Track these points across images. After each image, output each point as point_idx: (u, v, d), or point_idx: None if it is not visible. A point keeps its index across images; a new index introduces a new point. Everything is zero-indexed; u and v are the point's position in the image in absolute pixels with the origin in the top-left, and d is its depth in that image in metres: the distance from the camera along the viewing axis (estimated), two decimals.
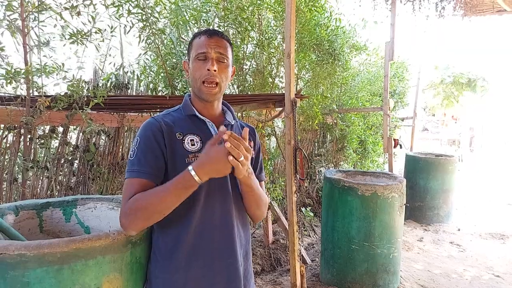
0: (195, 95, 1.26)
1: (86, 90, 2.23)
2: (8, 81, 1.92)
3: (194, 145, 1.18)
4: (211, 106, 1.26)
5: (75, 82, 2.13)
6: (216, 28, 2.72)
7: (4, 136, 2.12)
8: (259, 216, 1.34)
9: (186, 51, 1.29)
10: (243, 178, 1.11)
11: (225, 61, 1.20)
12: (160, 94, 2.84)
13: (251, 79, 3.39)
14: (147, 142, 1.14)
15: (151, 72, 2.85)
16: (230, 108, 1.36)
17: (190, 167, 1.03)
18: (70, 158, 2.46)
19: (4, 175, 2.15)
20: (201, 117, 1.24)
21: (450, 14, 4.98)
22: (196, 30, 2.98)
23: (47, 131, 2.28)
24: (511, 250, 4.22)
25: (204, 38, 1.19)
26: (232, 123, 1.30)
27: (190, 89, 1.38)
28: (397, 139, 6.07)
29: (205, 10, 2.80)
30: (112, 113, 2.50)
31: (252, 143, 1.34)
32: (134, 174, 1.11)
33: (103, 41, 2.35)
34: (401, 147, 6.40)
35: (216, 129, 1.24)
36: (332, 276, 3.01)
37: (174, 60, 2.71)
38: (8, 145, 2.15)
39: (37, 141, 2.21)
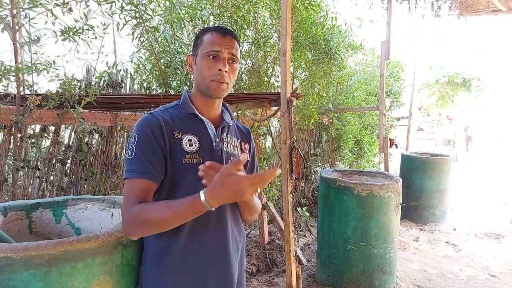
0: (198, 92, 1.21)
1: (78, 88, 2.19)
2: None
3: (192, 145, 1.14)
4: (213, 104, 1.22)
5: (67, 80, 2.08)
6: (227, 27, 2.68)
7: None
8: (250, 221, 1.35)
9: (193, 45, 1.25)
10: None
11: (235, 63, 1.19)
12: (154, 92, 2.81)
13: (246, 78, 3.36)
14: (146, 140, 1.08)
15: (145, 71, 2.82)
16: (228, 109, 1.33)
17: (202, 196, 0.95)
18: (62, 158, 2.42)
19: None
20: (201, 116, 1.20)
21: (446, 13, 4.98)
22: (191, 28, 2.94)
23: (38, 130, 2.23)
24: (507, 249, 4.23)
25: (217, 36, 1.15)
26: (230, 124, 1.27)
27: (185, 87, 1.35)
28: (393, 139, 6.08)
29: (200, 8, 2.76)
30: (105, 112, 2.46)
31: (247, 146, 1.33)
32: (135, 174, 1.06)
33: (95, 38, 2.31)
34: (396, 146, 6.41)
35: (214, 130, 1.21)
36: (328, 277, 3.00)
37: (168, 58, 2.68)
38: None
39: (28, 140, 2.16)
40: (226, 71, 1.14)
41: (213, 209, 0.98)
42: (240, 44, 1.25)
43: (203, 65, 1.15)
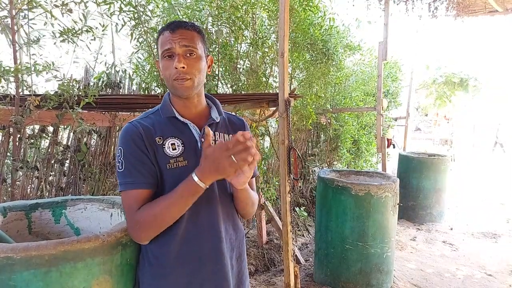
0: (173, 94, 1.19)
1: (77, 89, 2.19)
2: None
3: (175, 149, 1.13)
4: (191, 103, 1.19)
5: (66, 81, 2.09)
6: (183, 19, 2.66)
7: None
8: (251, 214, 1.33)
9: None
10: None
11: (194, 54, 1.11)
12: (152, 93, 2.82)
13: (244, 78, 3.37)
14: (131, 151, 1.09)
15: (144, 71, 2.83)
16: (216, 102, 1.28)
17: (195, 177, 1.00)
18: (60, 158, 2.42)
19: None
20: (182, 119, 1.17)
21: (443, 14, 5.02)
22: None
23: (37, 131, 2.24)
24: (503, 249, 4.26)
25: (168, 34, 1.10)
26: (218, 120, 1.23)
27: None
28: (391, 139, 6.10)
29: (198, 9, 2.78)
30: (103, 112, 2.46)
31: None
32: (129, 186, 1.08)
33: (94, 39, 2.32)
34: (394, 146, 6.44)
35: (198, 131, 1.18)
36: (326, 276, 3.01)
37: None
38: None
39: (27, 141, 2.17)
40: (183, 67, 1.08)
41: (208, 187, 1.02)
42: (202, 30, 1.18)
43: (162, 67, 1.13)
